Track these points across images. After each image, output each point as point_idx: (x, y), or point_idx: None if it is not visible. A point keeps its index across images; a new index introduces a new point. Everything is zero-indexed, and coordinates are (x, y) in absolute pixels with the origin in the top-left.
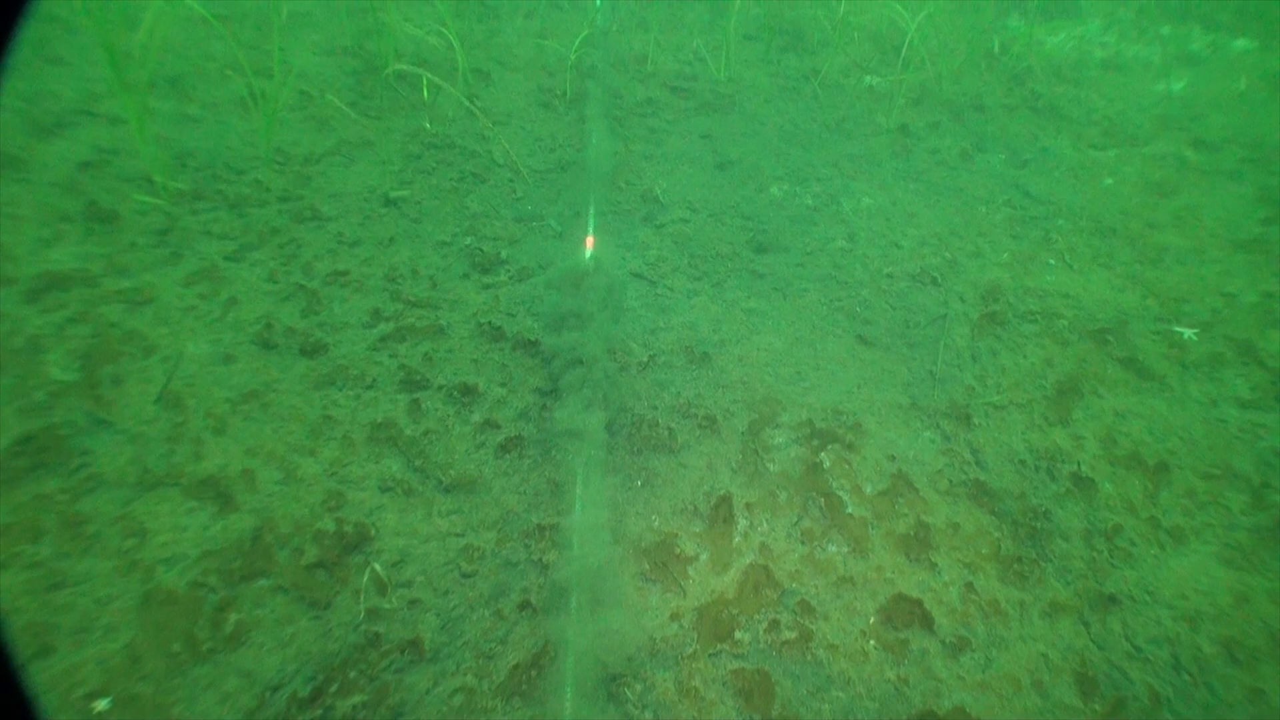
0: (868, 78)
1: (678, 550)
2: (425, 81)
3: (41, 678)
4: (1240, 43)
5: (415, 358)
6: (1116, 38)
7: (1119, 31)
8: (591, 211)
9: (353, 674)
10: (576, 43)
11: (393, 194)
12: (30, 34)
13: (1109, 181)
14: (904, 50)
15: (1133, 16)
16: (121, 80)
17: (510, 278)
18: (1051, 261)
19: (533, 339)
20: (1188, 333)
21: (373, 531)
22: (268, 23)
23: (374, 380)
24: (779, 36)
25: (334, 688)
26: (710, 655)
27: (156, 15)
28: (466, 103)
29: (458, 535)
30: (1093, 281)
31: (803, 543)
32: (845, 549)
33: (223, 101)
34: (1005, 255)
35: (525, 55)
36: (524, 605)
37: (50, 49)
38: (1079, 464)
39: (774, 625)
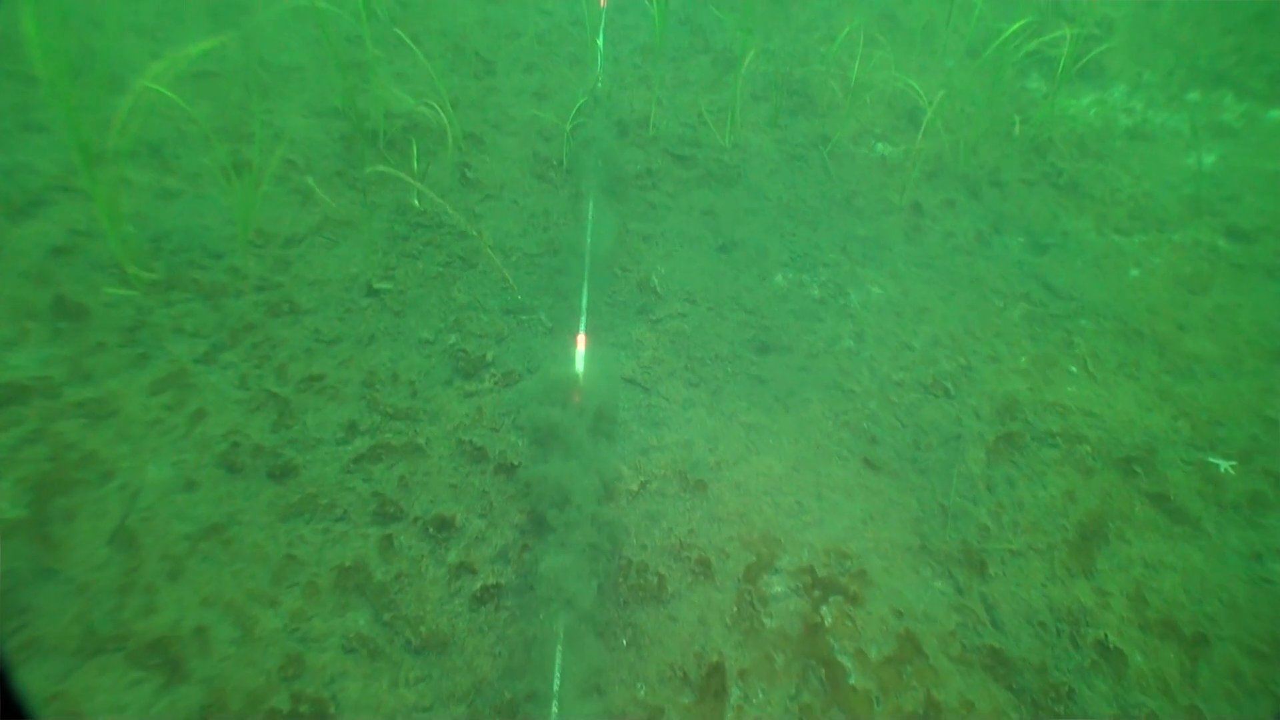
0: (880, 145)
1: None
2: (415, 151)
3: None
4: (1276, 114)
5: (390, 483)
6: (1143, 104)
7: (1146, 97)
8: (584, 303)
9: None
10: (575, 109)
11: (376, 284)
12: (10, 99)
13: (1135, 273)
14: (918, 115)
15: (1160, 80)
16: (90, 164)
17: (496, 383)
18: (1073, 369)
19: (516, 462)
20: (1224, 465)
21: (332, 708)
22: (257, 79)
23: (345, 511)
24: (788, 97)
25: None
26: None
27: (141, 91)
28: (458, 173)
29: (425, 710)
30: (1118, 396)
31: None
32: None
33: (205, 172)
34: (1023, 360)
35: (521, 117)
36: None
37: (32, 115)
38: (1105, 630)
39: None
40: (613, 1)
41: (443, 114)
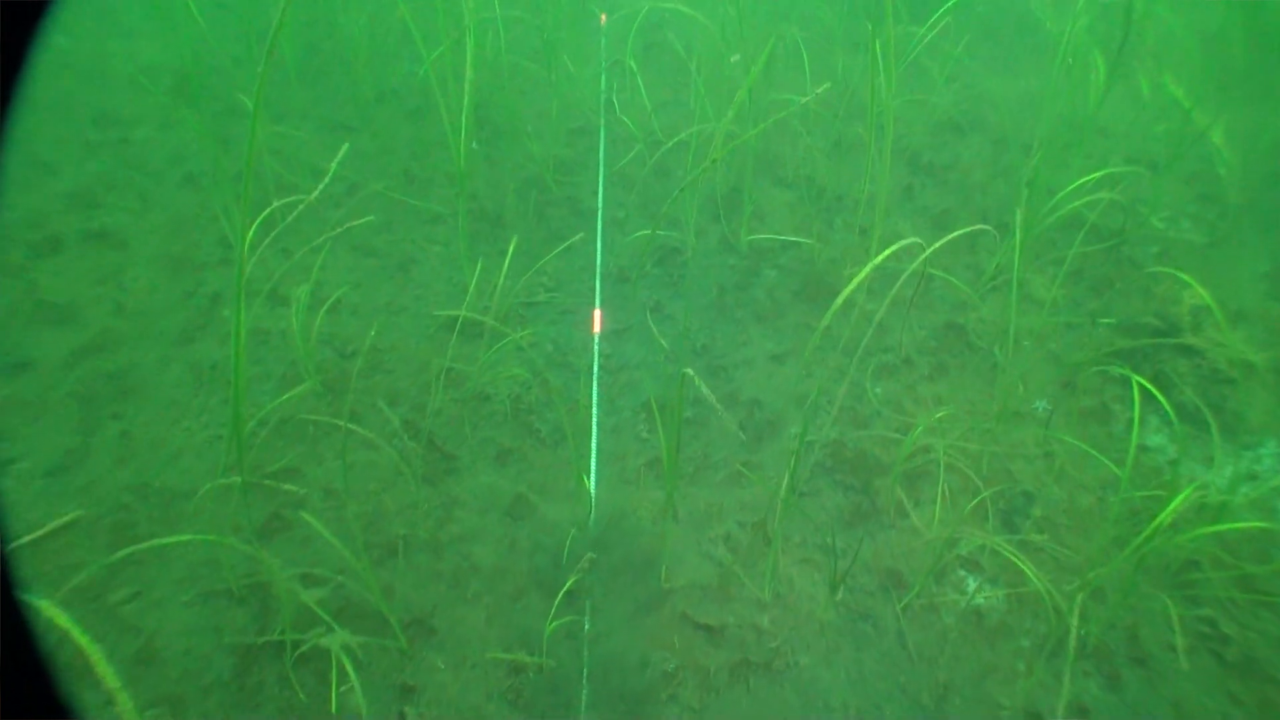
0: (972, 586)
1: None
2: (335, 676)
3: None
4: None
5: None
6: None
7: None
8: None
9: None
10: (564, 588)
11: None
12: None
13: None
14: (1013, 512)
15: None
16: None
17: None
18: None
19: None
20: None
21: None
22: (128, 516)
23: None
24: (840, 491)
25: None
26: None
27: None
28: (394, 710)
29: None
30: None
31: None
32: None
33: None
34: None
35: (490, 559)
36: None
37: None
38: None
39: None
40: (609, 323)
41: (373, 592)
